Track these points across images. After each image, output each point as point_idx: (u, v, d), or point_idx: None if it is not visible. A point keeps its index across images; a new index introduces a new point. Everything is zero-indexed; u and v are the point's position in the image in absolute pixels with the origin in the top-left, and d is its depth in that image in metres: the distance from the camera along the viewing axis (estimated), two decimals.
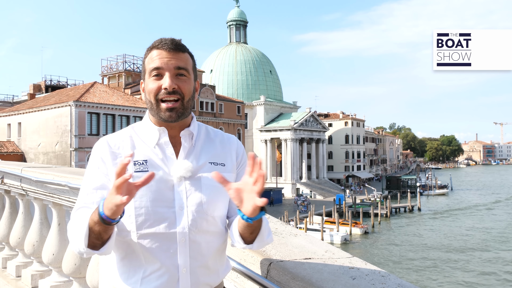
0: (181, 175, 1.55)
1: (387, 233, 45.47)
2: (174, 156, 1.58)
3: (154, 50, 1.56)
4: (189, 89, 1.58)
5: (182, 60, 1.56)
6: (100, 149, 1.58)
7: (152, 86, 1.55)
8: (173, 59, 1.54)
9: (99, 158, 1.57)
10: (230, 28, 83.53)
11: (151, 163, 1.55)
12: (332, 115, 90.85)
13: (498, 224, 48.50)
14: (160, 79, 1.54)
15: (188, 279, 1.54)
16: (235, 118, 60.72)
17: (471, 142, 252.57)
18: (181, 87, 1.55)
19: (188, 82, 1.57)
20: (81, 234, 1.38)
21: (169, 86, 1.52)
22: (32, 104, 42.41)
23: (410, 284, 1.64)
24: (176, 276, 1.53)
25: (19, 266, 4.40)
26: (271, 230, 1.65)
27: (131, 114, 40.19)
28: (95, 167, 1.57)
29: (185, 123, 1.64)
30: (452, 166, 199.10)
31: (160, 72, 1.54)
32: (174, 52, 1.55)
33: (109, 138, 1.61)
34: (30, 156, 40.14)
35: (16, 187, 4.31)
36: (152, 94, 1.55)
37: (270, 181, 67.18)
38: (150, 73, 1.56)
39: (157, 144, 1.59)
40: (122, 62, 51.21)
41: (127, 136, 1.62)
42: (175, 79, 1.54)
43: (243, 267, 1.85)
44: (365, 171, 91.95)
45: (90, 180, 1.56)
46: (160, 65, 1.53)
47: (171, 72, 1.54)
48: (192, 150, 1.62)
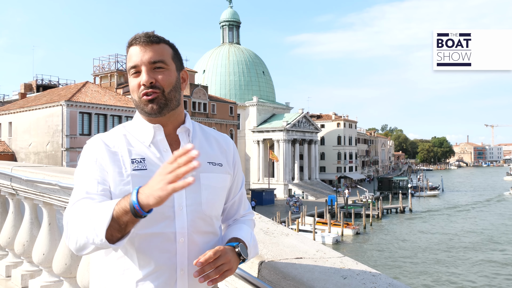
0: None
1: (378, 234, 45.65)
2: (170, 153, 1.55)
3: (131, 48, 1.54)
4: (169, 80, 1.54)
5: (156, 52, 1.52)
6: (96, 148, 1.52)
7: (133, 83, 1.54)
8: (147, 53, 1.51)
9: (95, 157, 1.50)
10: (223, 28, 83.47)
11: (149, 161, 1.52)
12: (325, 116, 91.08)
13: (488, 224, 48.91)
14: (139, 76, 1.53)
15: (186, 280, 1.51)
16: (228, 119, 60.71)
17: (462, 144, 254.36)
18: (158, 80, 1.52)
19: (166, 73, 1.54)
20: (100, 224, 1.27)
21: (146, 82, 1.50)
22: (23, 104, 42.11)
23: (401, 283, 1.65)
24: (174, 277, 1.50)
25: (9, 266, 4.37)
26: (257, 243, 1.68)
27: (123, 114, 40.04)
28: (92, 161, 1.50)
29: (179, 120, 1.62)
30: (444, 168, 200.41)
31: (137, 69, 1.52)
32: (147, 46, 1.52)
33: (104, 137, 1.56)
34: (21, 156, 39.84)
35: (6, 187, 4.28)
36: (135, 92, 1.54)
37: (262, 182, 67.23)
38: (129, 72, 1.55)
39: (152, 142, 1.55)
40: (114, 62, 51.07)
41: (121, 134, 1.58)
42: (151, 73, 1.51)
43: None
44: (357, 172, 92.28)
45: (89, 173, 1.48)
46: (135, 62, 1.52)
47: (147, 67, 1.51)
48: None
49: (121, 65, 50.94)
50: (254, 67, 78.88)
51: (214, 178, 1.59)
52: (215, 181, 1.59)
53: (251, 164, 70.17)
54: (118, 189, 1.47)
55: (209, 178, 1.57)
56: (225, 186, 1.64)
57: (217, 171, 1.61)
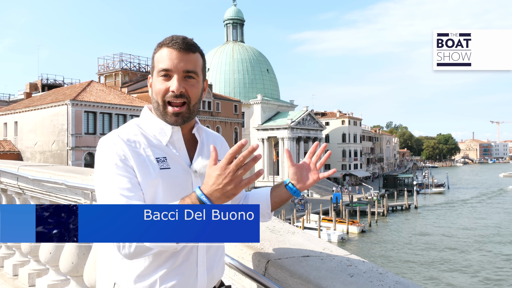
0: (199, 171, 1.57)
1: (384, 231, 45.55)
2: (186, 152, 1.60)
3: (164, 48, 1.53)
4: (197, 93, 1.56)
5: (191, 62, 1.53)
6: (119, 146, 1.48)
7: (160, 86, 1.53)
8: (183, 61, 1.51)
9: (120, 156, 1.45)
10: (227, 26, 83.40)
11: (171, 160, 1.54)
12: (329, 113, 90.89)
13: (494, 221, 48.68)
14: (168, 80, 1.52)
15: (205, 274, 1.57)
16: (232, 117, 60.68)
17: (468, 140, 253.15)
18: (188, 90, 1.53)
19: (196, 85, 1.56)
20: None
21: (177, 90, 1.51)
22: (29, 103, 42.27)
23: (408, 281, 1.65)
24: (194, 271, 1.54)
25: (16, 265, 4.39)
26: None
27: (127, 113, 40.08)
28: (117, 160, 1.45)
29: (192, 122, 1.66)
30: (449, 165, 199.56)
31: (168, 73, 1.52)
32: (184, 53, 1.52)
33: (123, 135, 1.52)
34: (26, 155, 40.02)
35: (13, 186, 4.30)
36: (159, 96, 1.54)
37: (267, 180, 67.22)
38: (158, 73, 1.53)
39: (169, 141, 1.58)
40: (118, 61, 51.16)
41: (139, 133, 1.56)
42: (183, 82, 1.52)
43: (241, 265, 1.85)
44: (362, 169, 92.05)
45: (118, 172, 1.43)
46: (169, 66, 1.51)
47: (180, 75, 1.52)
48: (202, 147, 1.65)
49: (126, 64, 51.05)
50: (258, 65, 78.78)
51: None
52: None
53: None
54: (146, 190, 1.47)
55: None
56: None
57: None
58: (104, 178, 1.44)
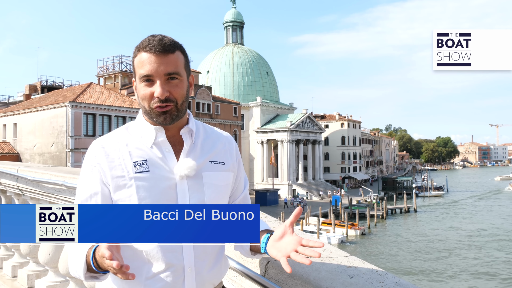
0: (185, 174, 1.53)
1: (383, 234, 45.54)
2: (173, 154, 1.56)
3: (143, 53, 1.49)
4: (182, 92, 1.53)
5: (172, 63, 1.49)
6: (94, 154, 1.55)
7: (144, 92, 1.50)
8: (163, 64, 1.47)
9: (93, 164, 1.54)
10: (227, 29, 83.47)
11: (152, 163, 1.52)
12: (329, 116, 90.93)
13: (493, 224, 48.66)
14: (151, 85, 1.49)
15: (194, 278, 1.54)
16: (232, 119, 60.70)
17: (467, 143, 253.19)
18: (173, 92, 1.50)
19: (180, 85, 1.52)
20: (79, 265, 1.39)
21: (161, 95, 1.48)
22: (28, 105, 42.23)
23: (408, 282, 1.65)
24: (181, 276, 1.52)
25: (15, 266, 4.39)
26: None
27: (127, 115, 40.09)
28: (90, 168, 1.54)
29: (183, 121, 1.62)
30: (448, 168, 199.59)
31: (150, 78, 1.49)
32: (163, 56, 1.48)
33: (103, 141, 1.57)
34: (25, 157, 39.98)
35: (12, 187, 4.30)
36: (145, 101, 1.52)
37: (266, 182, 67.19)
38: (140, 79, 1.51)
39: (154, 143, 1.56)
40: (118, 63, 51.12)
41: (122, 136, 1.59)
42: (166, 85, 1.49)
43: (241, 266, 1.85)
44: (361, 172, 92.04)
45: (86, 183, 1.54)
46: (149, 72, 1.48)
47: (162, 78, 1.48)
48: (192, 148, 1.60)
49: (125, 66, 51.01)
50: (258, 67, 78.84)
51: (216, 176, 1.60)
52: (218, 179, 1.60)
53: (255, 164, 70.17)
54: (120, 193, 1.50)
55: (212, 177, 1.59)
56: (228, 184, 1.65)
57: (220, 169, 1.62)
58: (78, 186, 1.58)
